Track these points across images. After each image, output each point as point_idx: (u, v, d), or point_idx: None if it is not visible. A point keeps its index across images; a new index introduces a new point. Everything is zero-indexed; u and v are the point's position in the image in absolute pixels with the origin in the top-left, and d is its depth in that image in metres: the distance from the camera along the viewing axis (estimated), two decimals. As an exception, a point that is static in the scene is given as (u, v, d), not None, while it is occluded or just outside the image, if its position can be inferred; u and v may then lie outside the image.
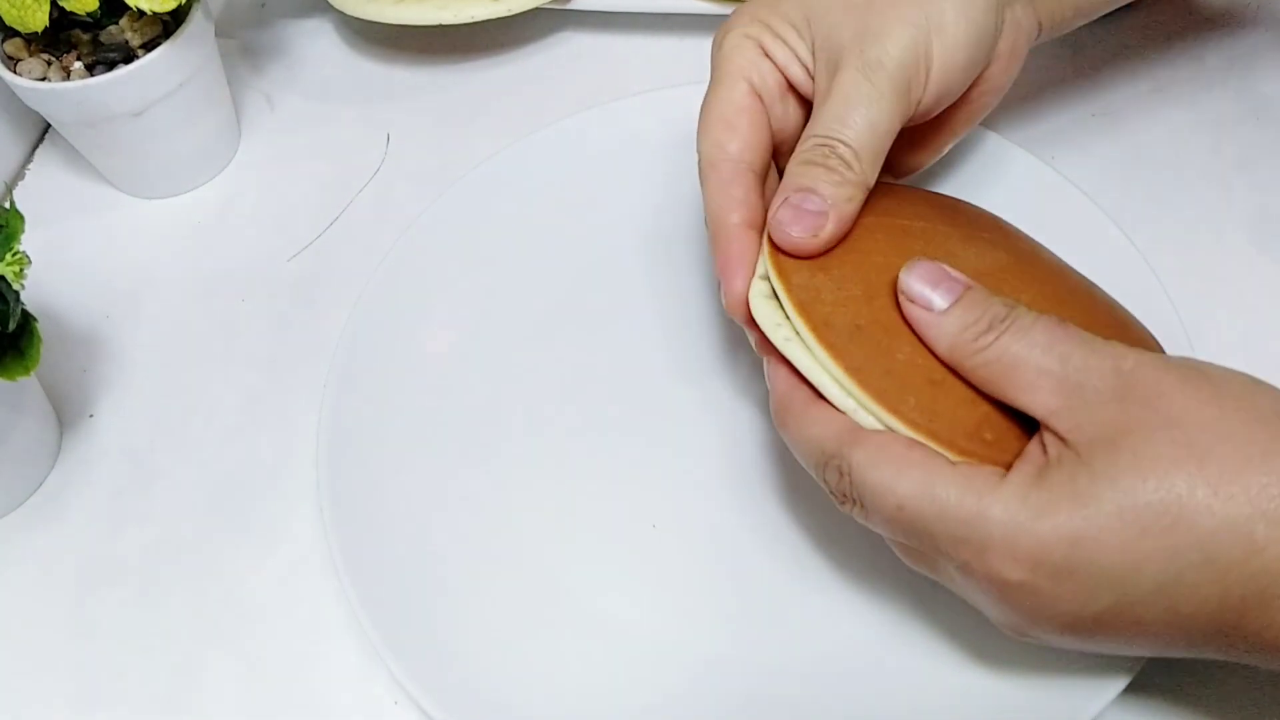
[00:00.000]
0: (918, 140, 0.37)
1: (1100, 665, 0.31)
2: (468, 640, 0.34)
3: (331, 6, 0.53)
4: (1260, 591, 0.25)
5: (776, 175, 0.36)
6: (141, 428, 0.43)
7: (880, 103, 0.32)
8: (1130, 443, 0.25)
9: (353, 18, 0.54)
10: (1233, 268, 0.42)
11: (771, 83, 0.34)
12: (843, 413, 0.29)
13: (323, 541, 0.38)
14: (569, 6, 0.53)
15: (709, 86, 0.35)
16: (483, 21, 0.50)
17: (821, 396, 0.29)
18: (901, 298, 0.30)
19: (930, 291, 0.29)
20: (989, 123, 0.43)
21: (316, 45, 0.56)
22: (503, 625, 0.35)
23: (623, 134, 0.45)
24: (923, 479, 0.27)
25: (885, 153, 0.32)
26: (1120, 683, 0.30)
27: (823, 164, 0.31)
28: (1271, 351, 0.40)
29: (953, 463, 0.27)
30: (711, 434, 0.39)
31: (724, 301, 0.33)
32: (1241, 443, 0.25)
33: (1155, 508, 0.25)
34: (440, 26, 0.51)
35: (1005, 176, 0.42)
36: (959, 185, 0.42)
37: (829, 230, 0.31)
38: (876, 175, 0.32)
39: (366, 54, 0.56)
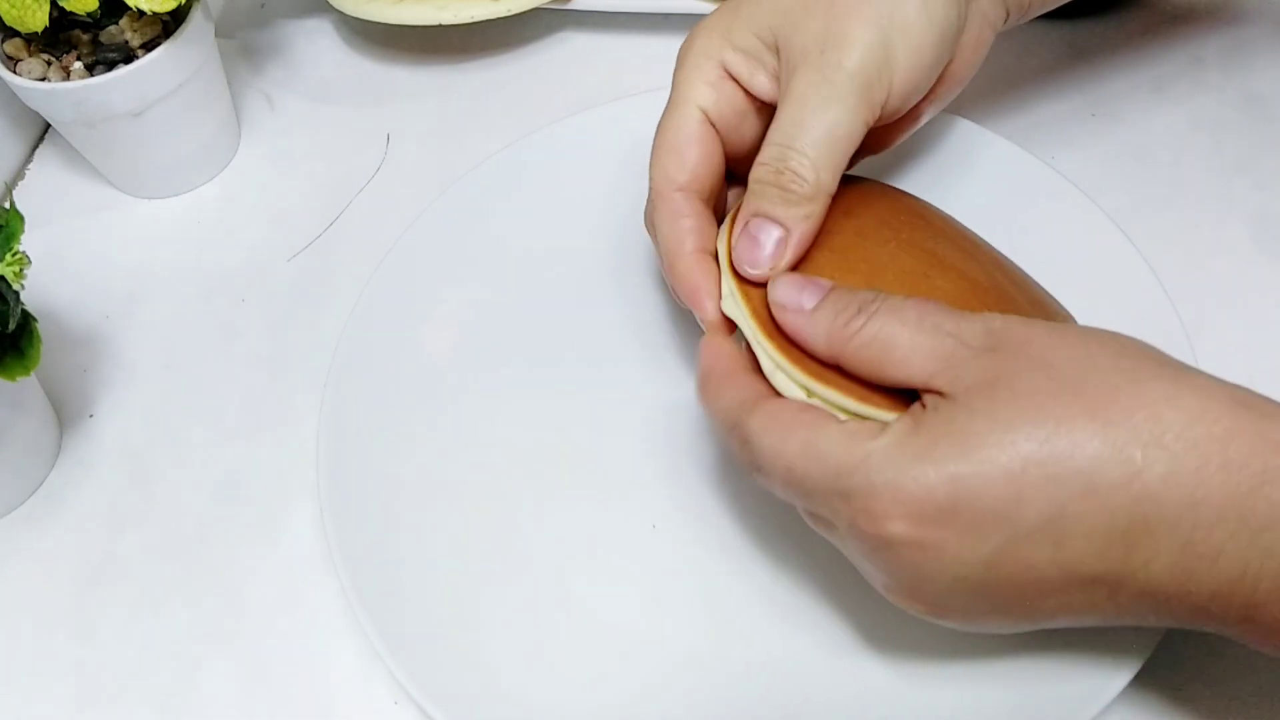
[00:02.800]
0: (882, 126, 0.36)
1: (1099, 664, 0.31)
2: (468, 640, 0.34)
3: (331, 6, 0.53)
4: (1144, 518, 0.25)
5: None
6: (141, 428, 0.43)
7: (838, 105, 0.31)
8: (1006, 383, 0.26)
9: (352, 18, 0.54)
10: (1233, 268, 0.42)
11: (730, 107, 0.34)
12: (754, 383, 0.30)
13: (323, 541, 0.38)
14: (569, 6, 0.53)
15: (665, 110, 0.35)
16: (483, 21, 0.50)
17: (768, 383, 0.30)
18: (774, 308, 0.30)
19: (798, 294, 0.30)
20: (989, 123, 0.44)
21: (316, 45, 0.56)
22: (503, 625, 0.35)
23: (623, 134, 0.44)
24: (807, 437, 0.27)
25: (847, 157, 0.32)
26: (1120, 682, 0.30)
27: (775, 183, 0.31)
28: (1271, 351, 0.40)
29: (840, 422, 0.28)
30: (713, 434, 0.39)
31: (705, 325, 0.33)
32: (1110, 373, 0.26)
33: (1034, 439, 0.25)
34: (440, 26, 0.51)
35: (1005, 176, 0.42)
36: (959, 185, 0.42)
37: (787, 259, 0.31)
38: (837, 181, 0.32)
39: (366, 54, 0.56)
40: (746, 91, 0.34)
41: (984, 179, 0.42)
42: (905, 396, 0.28)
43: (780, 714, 0.33)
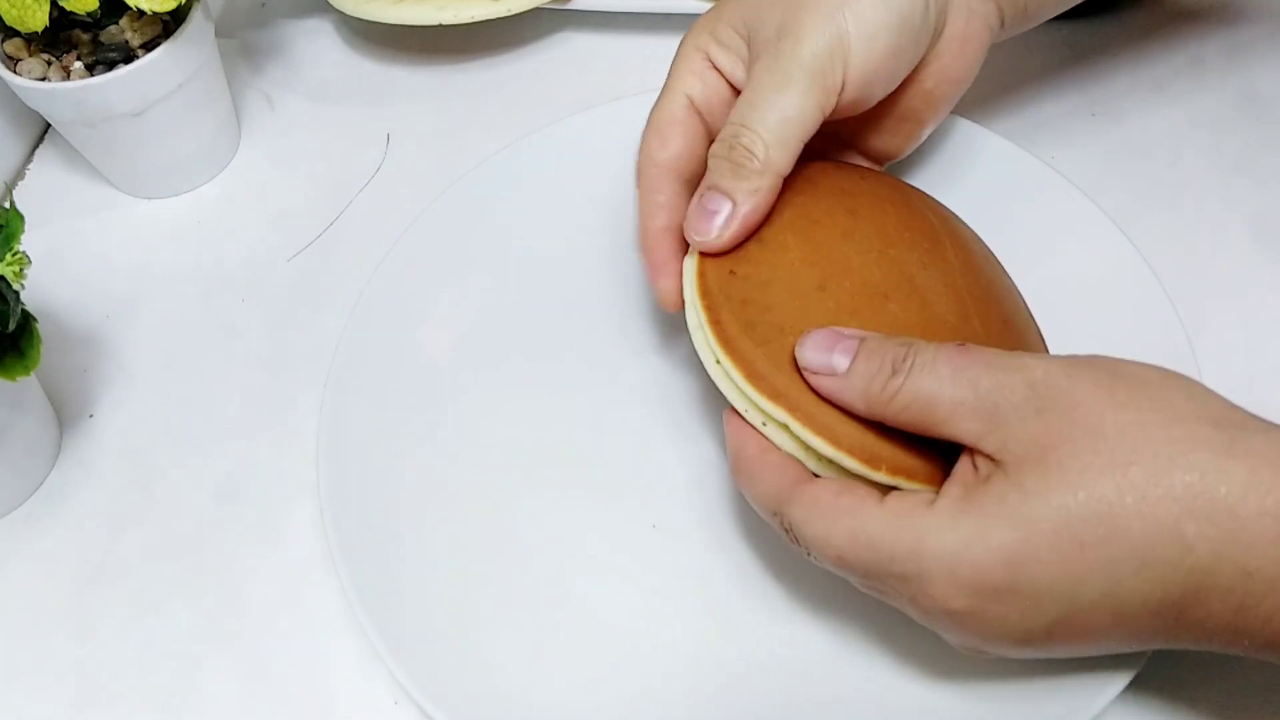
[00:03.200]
0: (888, 129, 0.38)
1: (1100, 665, 0.31)
2: (467, 640, 0.34)
3: (331, 6, 0.53)
4: (1196, 588, 0.25)
5: None
6: (141, 428, 0.43)
7: (789, 90, 0.32)
8: (1056, 457, 0.26)
9: (353, 18, 0.54)
10: (1233, 268, 0.42)
11: (715, 95, 0.36)
12: (787, 463, 0.30)
13: (323, 541, 0.38)
14: (569, 6, 0.53)
15: (657, 98, 0.37)
16: (483, 21, 0.50)
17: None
18: (806, 373, 0.30)
19: (829, 357, 0.29)
20: (989, 123, 0.43)
21: (316, 45, 0.56)
22: (502, 625, 0.35)
23: (623, 134, 0.44)
24: (854, 526, 0.28)
25: (802, 139, 0.33)
26: (1120, 682, 0.30)
27: (727, 157, 0.33)
28: (1271, 351, 0.40)
29: (881, 499, 0.28)
30: (712, 434, 0.39)
31: (657, 299, 0.35)
32: (1162, 444, 0.26)
33: (1089, 520, 0.25)
34: (440, 26, 0.51)
35: (1005, 176, 0.42)
36: (958, 184, 0.42)
37: (732, 229, 0.33)
38: (792, 162, 0.33)
39: (366, 54, 0.56)
40: (729, 82, 0.36)
41: (984, 178, 0.42)
42: (942, 462, 0.29)
43: (781, 714, 0.33)
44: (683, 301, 0.34)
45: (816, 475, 0.30)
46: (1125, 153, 0.46)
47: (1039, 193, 0.41)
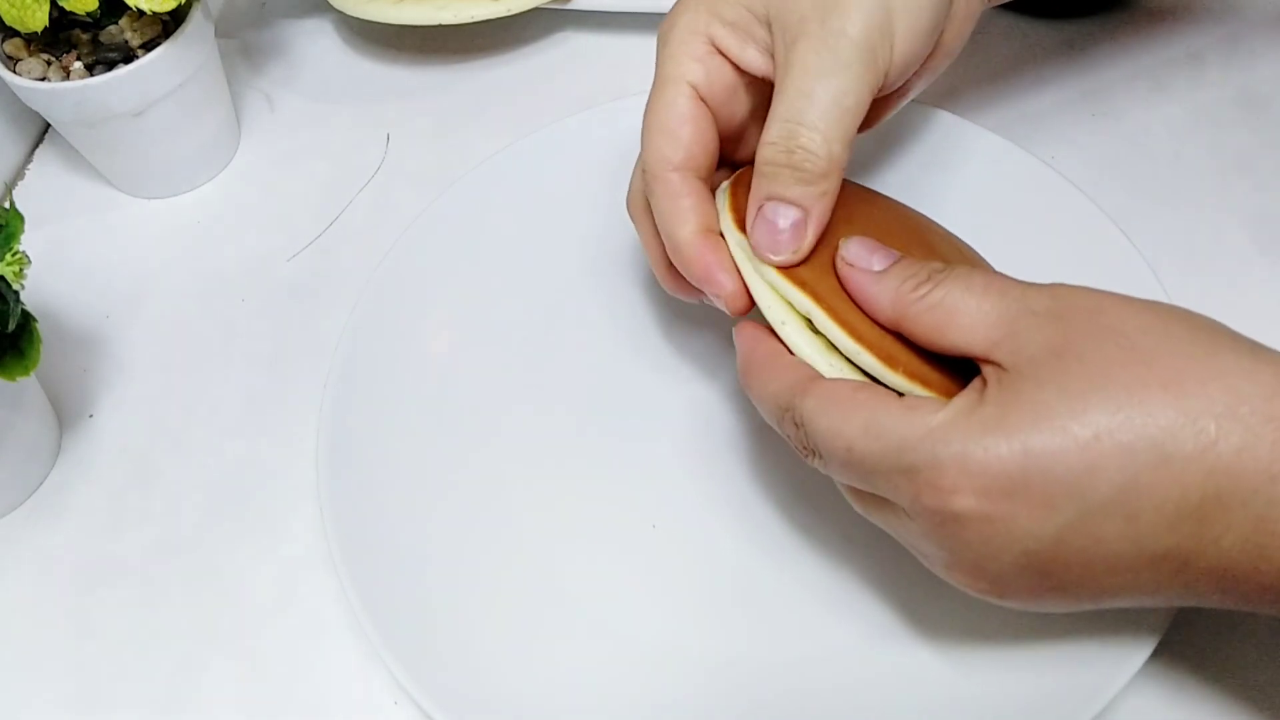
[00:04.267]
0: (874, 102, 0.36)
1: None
2: (467, 640, 0.34)
3: (331, 6, 0.53)
4: (1218, 491, 0.24)
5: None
6: (141, 428, 0.43)
7: (845, 73, 0.30)
8: (1075, 351, 0.25)
9: (353, 18, 0.54)
10: (1233, 268, 0.42)
11: (720, 82, 0.33)
12: (799, 365, 0.30)
13: (323, 541, 0.38)
14: (569, 6, 0.53)
15: (652, 90, 0.34)
16: (483, 21, 0.50)
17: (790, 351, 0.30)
18: (841, 264, 0.30)
19: (870, 256, 0.30)
20: (988, 123, 0.43)
21: (316, 45, 0.56)
22: (502, 625, 0.35)
23: (623, 134, 0.44)
24: (867, 416, 0.27)
25: (855, 128, 0.31)
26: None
27: (787, 163, 0.30)
28: (1271, 351, 0.40)
29: (900, 397, 0.28)
30: (712, 434, 0.39)
31: (724, 305, 0.32)
32: (1184, 343, 0.25)
33: (1106, 409, 0.25)
34: (440, 26, 0.51)
35: (1004, 176, 0.42)
36: (957, 184, 0.42)
37: (808, 239, 0.31)
38: (849, 154, 0.31)
39: (366, 54, 0.56)
40: (736, 66, 0.33)
41: (983, 178, 0.42)
42: (958, 380, 0.28)
43: (781, 713, 0.33)
44: (752, 300, 0.32)
45: None
46: (1125, 153, 0.46)
47: (1039, 193, 0.41)
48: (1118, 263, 0.38)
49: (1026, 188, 0.41)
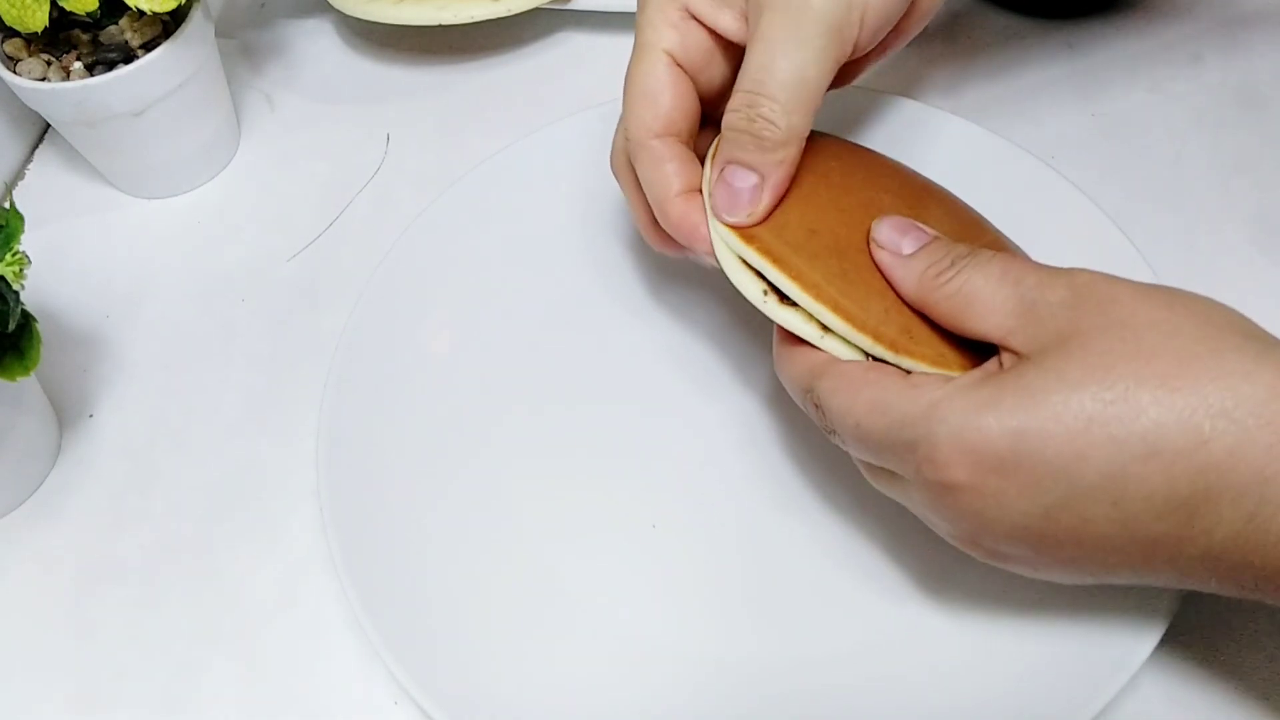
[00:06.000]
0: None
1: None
2: (468, 640, 0.34)
3: (331, 6, 0.53)
4: (1208, 488, 0.25)
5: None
6: (141, 428, 0.43)
7: (807, 47, 0.31)
8: (1079, 341, 0.26)
9: (353, 18, 0.54)
10: (1233, 268, 0.42)
11: (696, 48, 0.34)
12: (818, 351, 0.31)
13: (323, 541, 0.38)
14: (569, 6, 0.53)
15: (631, 57, 0.34)
16: (483, 21, 0.50)
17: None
18: (872, 244, 0.31)
19: (899, 238, 0.31)
20: (988, 123, 0.43)
21: (316, 45, 0.56)
22: (503, 625, 0.35)
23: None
24: (873, 394, 0.29)
25: (818, 98, 0.32)
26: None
27: (748, 130, 0.31)
28: (1271, 351, 0.40)
29: (905, 375, 0.29)
30: (712, 434, 0.39)
31: (699, 249, 0.33)
32: (1189, 340, 0.26)
33: (1101, 399, 0.25)
34: (440, 26, 0.51)
35: (1004, 176, 0.42)
36: (957, 184, 0.42)
37: (764, 203, 0.32)
38: (810, 123, 0.32)
39: (366, 54, 0.56)
40: (711, 32, 0.34)
41: (983, 179, 0.42)
42: (977, 360, 0.29)
43: (782, 714, 0.33)
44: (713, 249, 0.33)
45: None
46: (1125, 153, 0.46)
47: (1039, 193, 0.41)
48: (1118, 263, 0.38)
49: (1026, 188, 0.41)
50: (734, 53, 0.34)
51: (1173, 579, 0.27)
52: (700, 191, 0.33)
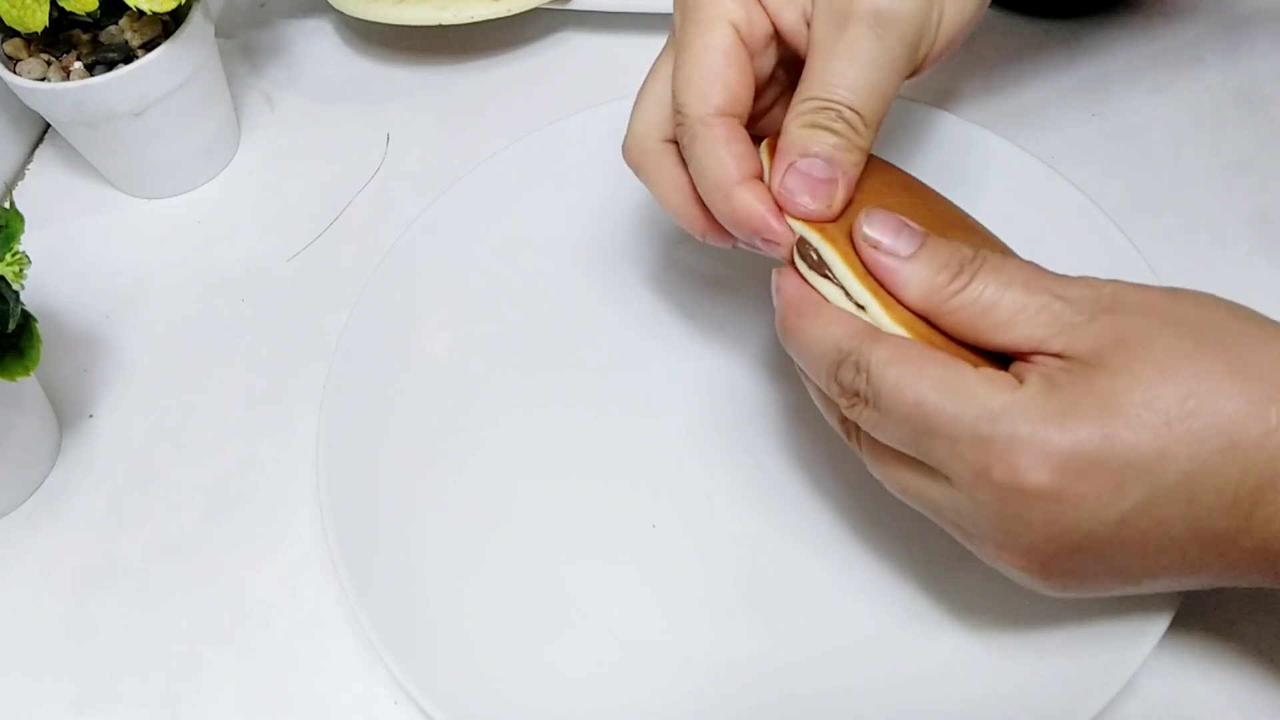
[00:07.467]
0: None
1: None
2: (468, 640, 0.34)
3: (331, 6, 0.53)
4: (1274, 476, 0.25)
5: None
6: (141, 428, 0.43)
7: (891, 66, 0.30)
8: (1141, 339, 0.26)
9: (353, 18, 0.54)
10: (1233, 268, 0.42)
11: (759, 30, 0.32)
12: (856, 316, 0.29)
13: (323, 541, 0.38)
14: (569, 6, 0.53)
15: (685, 29, 0.32)
16: (483, 21, 0.50)
17: None
18: (863, 245, 0.29)
19: (894, 237, 0.29)
20: (988, 124, 0.43)
21: (316, 45, 0.56)
22: (503, 625, 0.35)
23: (622, 134, 0.44)
24: (945, 375, 0.26)
25: (888, 109, 0.31)
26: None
27: (828, 127, 0.30)
28: (1271, 351, 0.40)
29: (976, 367, 0.27)
30: (712, 434, 0.39)
31: (780, 251, 0.31)
32: (1242, 333, 0.26)
33: (1179, 395, 0.25)
34: (440, 26, 0.51)
35: (1005, 176, 0.42)
36: (957, 185, 0.42)
37: (840, 197, 0.30)
38: (878, 131, 0.31)
39: (366, 54, 0.56)
40: (771, 20, 0.32)
41: (983, 179, 0.42)
42: (997, 362, 0.28)
43: (782, 714, 0.33)
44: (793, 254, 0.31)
45: None
46: (1125, 153, 0.46)
47: (1039, 193, 0.41)
48: (1118, 263, 0.38)
49: (1026, 187, 0.41)
50: (781, 50, 0.33)
51: (1212, 576, 0.27)
52: (761, 180, 0.31)
